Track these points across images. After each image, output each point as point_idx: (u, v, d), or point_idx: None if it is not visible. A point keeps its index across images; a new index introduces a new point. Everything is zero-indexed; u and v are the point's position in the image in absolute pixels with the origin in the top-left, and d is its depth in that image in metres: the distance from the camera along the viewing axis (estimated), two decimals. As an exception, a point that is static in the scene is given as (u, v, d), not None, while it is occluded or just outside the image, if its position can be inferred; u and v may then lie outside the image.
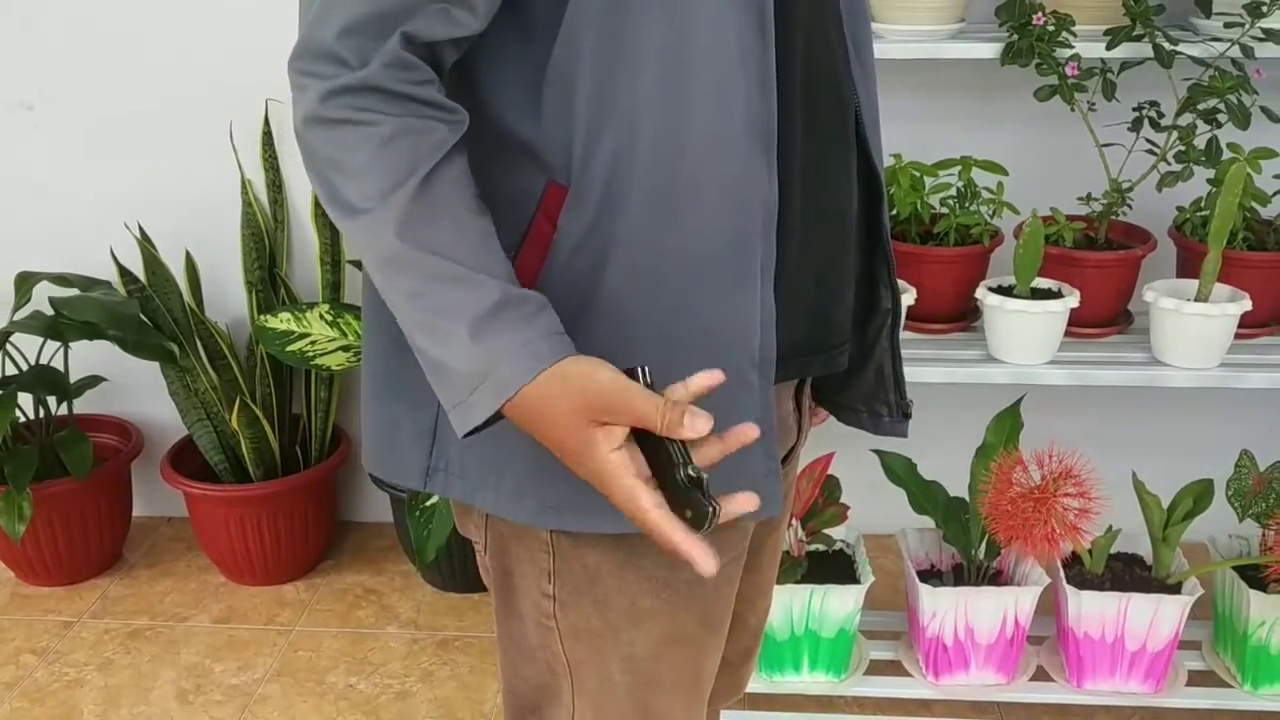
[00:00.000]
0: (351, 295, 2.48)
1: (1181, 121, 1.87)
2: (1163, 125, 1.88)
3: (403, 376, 0.99)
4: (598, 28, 0.89)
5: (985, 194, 1.96)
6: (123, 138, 2.46)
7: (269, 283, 2.45)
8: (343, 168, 0.86)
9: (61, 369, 2.43)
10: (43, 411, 2.46)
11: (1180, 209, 1.98)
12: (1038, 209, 1.93)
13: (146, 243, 2.42)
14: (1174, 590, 1.86)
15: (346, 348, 2.21)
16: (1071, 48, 1.83)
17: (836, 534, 1.97)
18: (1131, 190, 1.93)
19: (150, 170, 2.48)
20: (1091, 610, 1.85)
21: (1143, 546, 1.96)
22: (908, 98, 2.19)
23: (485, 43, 0.91)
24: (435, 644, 2.32)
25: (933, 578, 1.92)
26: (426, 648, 2.31)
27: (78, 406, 2.52)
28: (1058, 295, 1.84)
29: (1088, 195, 1.98)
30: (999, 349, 1.86)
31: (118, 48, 2.41)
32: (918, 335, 1.94)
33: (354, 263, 2.45)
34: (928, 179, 1.95)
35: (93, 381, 2.49)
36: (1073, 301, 1.82)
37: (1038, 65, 1.83)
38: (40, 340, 2.38)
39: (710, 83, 0.91)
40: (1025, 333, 1.82)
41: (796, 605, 1.87)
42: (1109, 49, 1.82)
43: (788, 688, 1.95)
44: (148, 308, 2.38)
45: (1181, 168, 1.86)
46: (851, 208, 1.08)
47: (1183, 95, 1.86)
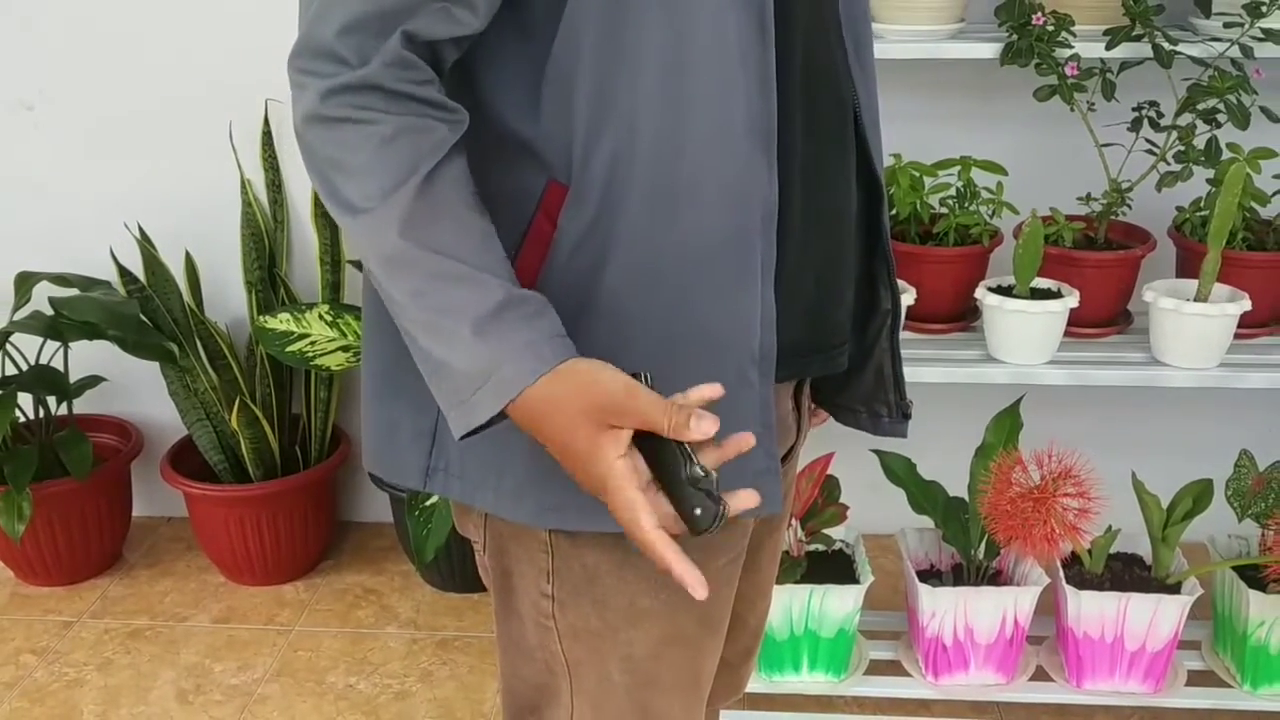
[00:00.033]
0: (351, 295, 2.48)
1: (1181, 121, 1.87)
2: (1162, 125, 1.88)
3: (403, 377, 0.99)
4: (597, 27, 0.89)
5: (985, 194, 1.96)
6: (123, 138, 2.46)
7: (269, 283, 2.45)
8: (343, 167, 0.86)
9: (61, 369, 2.43)
10: (42, 411, 2.46)
11: (1180, 209, 1.98)
12: (1037, 209, 1.93)
13: (146, 243, 2.42)
14: (1173, 590, 1.86)
15: (346, 348, 2.21)
16: (1071, 48, 1.83)
17: (836, 534, 1.97)
18: (1131, 190, 1.93)
19: (150, 170, 2.48)
20: (1091, 610, 1.85)
21: (1142, 546, 1.96)
22: (908, 98, 2.19)
23: (485, 42, 0.91)
24: (435, 644, 2.32)
25: (932, 578, 1.92)
26: (426, 648, 2.31)
27: (78, 406, 2.52)
28: (1057, 295, 1.84)
29: (1087, 195, 1.98)
30: (998, 349, 1.86)
31: (118, 48, 2.41)
32: (917, 335, 1.94)
33: (354, 263, 2.45)
34: (927, 179, 1.95)
35: (93, 381, 2.49)
36: (1072, 301, 1.82)
37: (1037, 65, 1.83)
38: (40, 340, 2.37)
39: (710, 82, 0.91)
40: (1025, 333, 1.82)
41: (796, 605, 1.87)
42: (1108, 49, 1.83)
43: (787, 688, 1.95)
44: (147, 308, 2.38)
45: (1181, 168, 1.86)
46: (851, 208, 1.08)
47: (1182, 95, 1.86)
